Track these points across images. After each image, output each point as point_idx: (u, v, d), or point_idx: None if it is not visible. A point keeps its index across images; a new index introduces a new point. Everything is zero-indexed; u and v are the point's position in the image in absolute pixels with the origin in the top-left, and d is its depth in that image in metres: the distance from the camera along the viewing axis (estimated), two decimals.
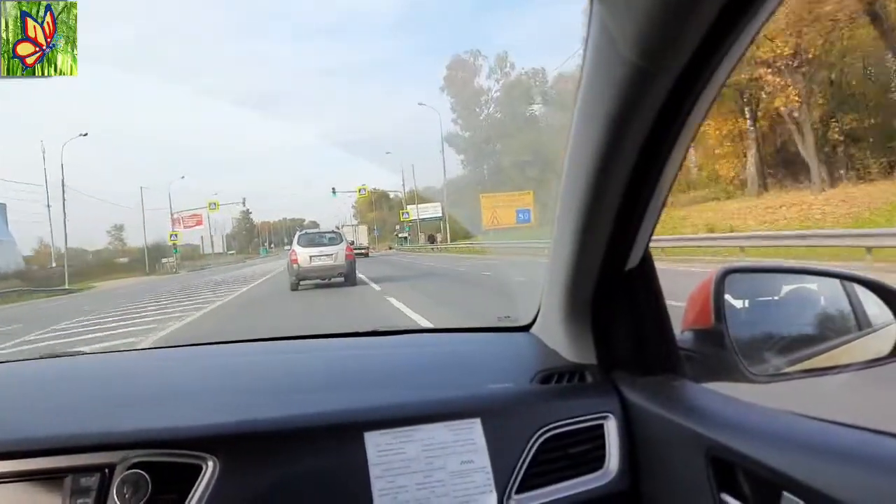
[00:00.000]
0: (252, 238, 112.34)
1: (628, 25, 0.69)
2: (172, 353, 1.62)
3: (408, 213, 55.31)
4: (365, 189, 53.74)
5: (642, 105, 0.77)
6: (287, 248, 20.35)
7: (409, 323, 7.84)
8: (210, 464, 0.91)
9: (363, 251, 39.52)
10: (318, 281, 14.78)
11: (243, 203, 50.42)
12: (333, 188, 50.10)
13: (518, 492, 0.98)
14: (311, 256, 14.48)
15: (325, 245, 14.78)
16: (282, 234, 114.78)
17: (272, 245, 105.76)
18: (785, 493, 0.72)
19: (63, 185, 40.21)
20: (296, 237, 15.84)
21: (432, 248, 45.24)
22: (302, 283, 14.69)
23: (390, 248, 58.25)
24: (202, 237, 70.66)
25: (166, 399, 1.11)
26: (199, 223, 62.45)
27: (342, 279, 14.61)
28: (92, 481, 0.89)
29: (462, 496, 0.96)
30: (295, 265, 14.57)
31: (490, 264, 20.66)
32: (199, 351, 1.59)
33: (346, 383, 1.17)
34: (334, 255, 14.52)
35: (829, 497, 0.67)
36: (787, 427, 0.81)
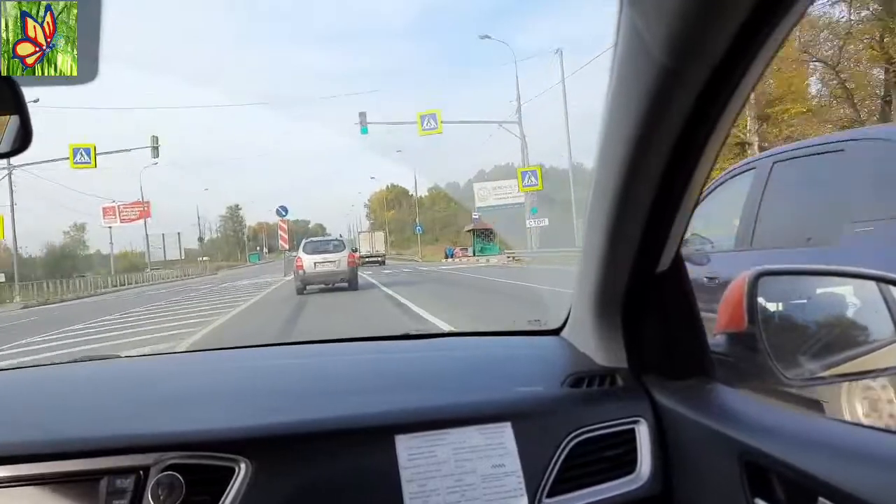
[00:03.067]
0: (243, 241, 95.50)
1: (659, 26, 0.69)
2: (205, 356, 1.65)
3: (536, 172, 29.53)
4: (437, 116, 27.85)
5: (673, 106, 0.77)
6: (293, 254, 19.90)
7: None
8: (243, 466, 0.92)
9: (379, 259, 37.59)
10: (322, 286, 16.00)
11: (154, 151, 28.92)
12: (363, 116, 28.45)
13: (549, 496, 0.98)
14: (315, 263, 15.67)
15: (329, 252, 15.95)
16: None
17: (265, 250, 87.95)
18: (821, 499, 0.71)
19: None
20: (301, 245, 16.99)
21: None
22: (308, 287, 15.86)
23: (449, 258, 38.58)
24: (147, 236, 49.72)
25: (200, 402, 1.13)
26: (143, 215, 42.34)
27: (346, 284, 15.76)
28: (127, 483, 0.90)
29: (493, 500, 0.96)
30: (301, 271, 15.72)
31: None
32: (231, 354, 1.61)
33: (377, 386, 1.18)
34: (337, 262, 15.70)
35: (866, 502, 0.66)
36: (823, 431, 0.80)
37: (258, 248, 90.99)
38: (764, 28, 0.65)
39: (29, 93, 0.91)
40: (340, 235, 21.24)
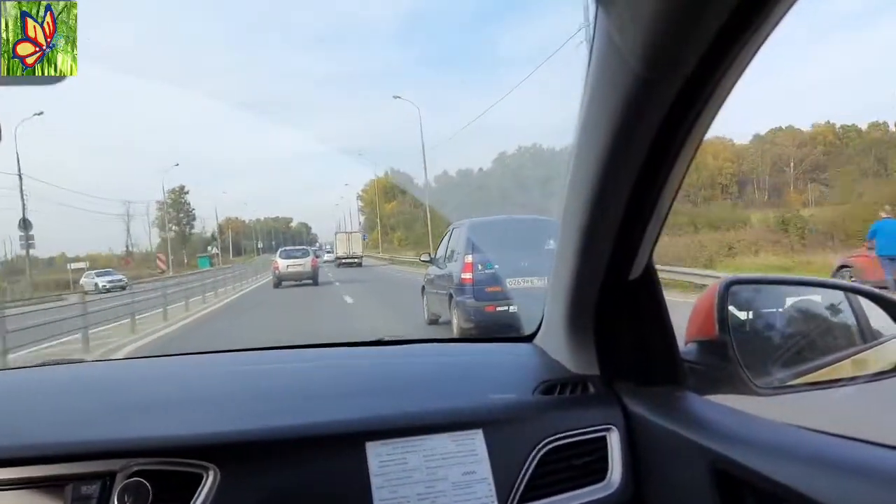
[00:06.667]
0: (189, 237, 69.18)
1: (633, 35, 0.69)
2: (174, 361, 1.61)
3: None
4: None
5: (647, 115, 0.77)
6: (271, 257, 26.26)
7: None
8: (211, 473, 0.91)
9: (356, 260, 37.44)
10: (293, 282, 21.70)
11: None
12: None
13: (520, 503, 0.97)
14: (287, 265, 22.07)
15: (297, 258, 22.52)
16: (259, 237, 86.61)
17: (215, 250, 62.68)
18: None
19: None
20: (277, 252, 24.05)
21: None
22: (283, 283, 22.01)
23: None
24: None
25: (168, 407, 1.11)
26: None
27: (311, 281, 21.70)
28: (93, 489, 0.89)
29: None
30: (276, 271, 22.15)
31: None
32: (200, 360, 1.59)
33: (348, 393, 1.17)
34: (304, 265, 22.17)
35: None
36: (792, 440, 0.81)
37: (208, 249, 64.47)
38: (737, 38, 0.66)
39: (6, 92, 0.91)
40: (308, 246, 28.29)
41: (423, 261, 10.20)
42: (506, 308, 7.44)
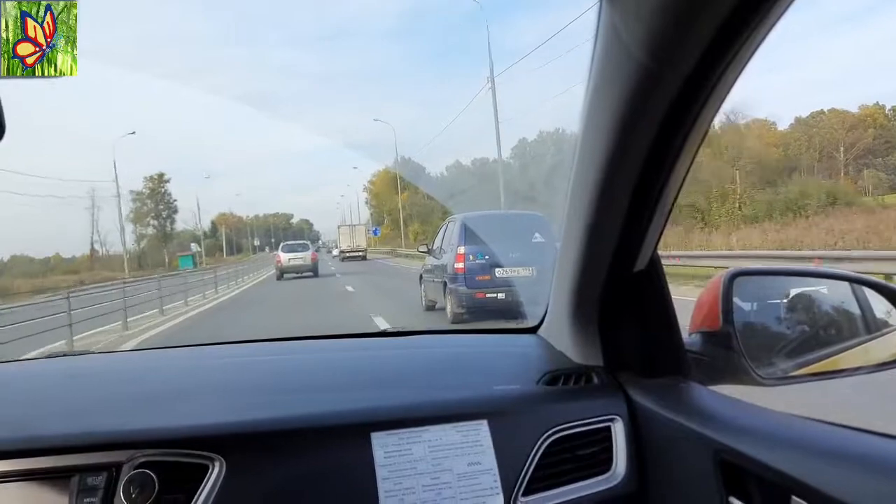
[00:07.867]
0: (171, 233, 60.30)
1: (637, 25, 0.69)
2: (180, 352, 1.62)
3: None
4: None
5: (651, 105, 0.77)
6: (273, 253, 27.89)
7: None
8: (217, 464, 0.92)
9: (360, 253, 37.11)
10: (295, 274, 23.68)
11: None
12: None
13: (525, 494, 0.98)
14: (289, 258, 24.01)
15: (298, 251, 24.58)
16: (257, 234, 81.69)
17: (196, 249, 53.18)
18: (794, 497, 0.72)
19: None
20: (280, 247, 26.18)
21: None
22: (285, 275, 23.96)
23: None
24: None
25: (173, 398, 1.12)
26: None
27: (311, 273, 23.52)
28: (99, 480, 0.89)
29: (469, 498, 0.96)
30: (279, 264, 24.17)
31: None
32: (206, 351, 1.59)
33: (353, 384, 1.17)
34: (304, 258, 24.02)
35: (839, 501, 0.67)
36: (796, 430, 0.81)
37: (191, 248, 55.41)
38: (743, 30, 0.66)
39: (4, 84, 0.91)
40: (309, 242, 29.80)
41: (421, 251, 11.02)
42: (494, 295, 8.26)
